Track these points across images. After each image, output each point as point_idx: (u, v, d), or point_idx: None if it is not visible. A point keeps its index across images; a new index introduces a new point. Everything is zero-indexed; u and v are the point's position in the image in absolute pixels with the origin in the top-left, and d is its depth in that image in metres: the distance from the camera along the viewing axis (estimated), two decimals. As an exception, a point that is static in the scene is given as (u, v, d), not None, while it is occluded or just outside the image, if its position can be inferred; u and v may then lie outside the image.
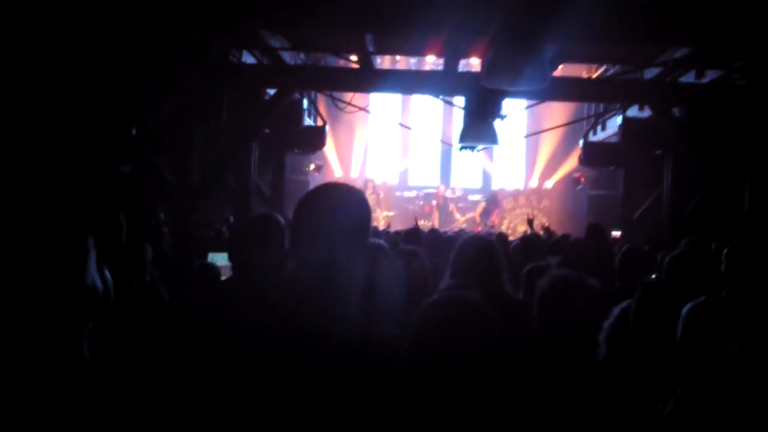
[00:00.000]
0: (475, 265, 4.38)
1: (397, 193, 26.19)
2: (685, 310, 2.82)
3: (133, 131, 9.01)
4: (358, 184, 24.74)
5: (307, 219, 2.37)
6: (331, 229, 2.30)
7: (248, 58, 13.61)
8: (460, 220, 24.72)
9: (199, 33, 9.19)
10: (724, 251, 8.60)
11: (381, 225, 18.94)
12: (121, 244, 4.32)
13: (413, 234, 8.72)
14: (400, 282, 4.00)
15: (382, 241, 4.93)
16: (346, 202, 2.38)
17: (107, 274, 1.99)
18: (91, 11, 8.07)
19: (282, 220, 4.26)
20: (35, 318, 1.74)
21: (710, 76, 13.50)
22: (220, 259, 7.17)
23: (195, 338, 3.32)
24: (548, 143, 26.00)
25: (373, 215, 9.94)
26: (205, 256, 7.86)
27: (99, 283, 1.91)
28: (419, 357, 2.46)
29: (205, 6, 8.75)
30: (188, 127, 12.51)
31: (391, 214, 24.28)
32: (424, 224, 19.81)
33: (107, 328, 2.03)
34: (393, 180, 26.93)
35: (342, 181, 23.58)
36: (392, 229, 14.81)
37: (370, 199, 24.37)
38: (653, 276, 6.59)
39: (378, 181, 25.77)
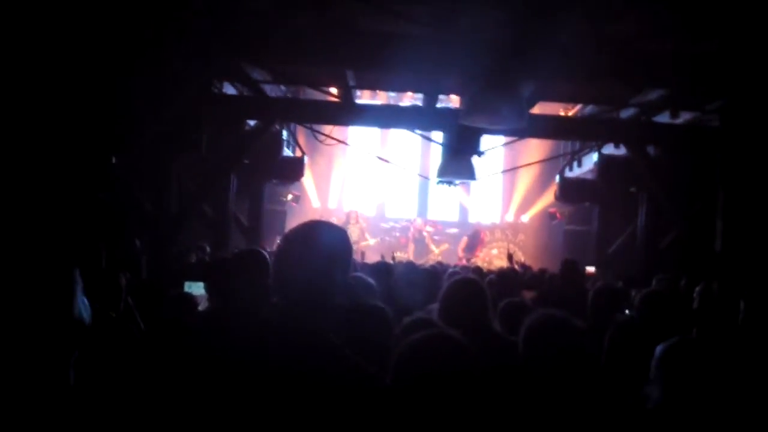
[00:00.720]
0: (466, 307, 4.45)
1: (381, 224, 26.23)
2: (657, 350, 2.88)
3: (113, 159, 9.05)
4: (341, 216, 24.80)
5: (290, 257, 2.42)
6: (312, 267, 2.36)
7: (229, 89, 13.69)
8: (435, 252, 24.79)
9: (181, 63, 9.26)
10: (696, 289, 8.74)
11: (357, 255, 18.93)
12: (100, 272, 4.38)
13: (382, 269, 7.95)
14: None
15: (367, 278, 4.97)
16: (328, 241, 2.44)
17: (87, 303, 2.04)
18: (72, 38, 8.12)
19: (266, 255, 4.31)
20: (27, 348, 1.78)
21: (684, 116, 13.72)
22: (196, 288, 7.17)
23: (169, 367, 3.33)
24: (525, 178, 26.18)
25: (358, 246, 9.97)
26: (182, 285, 7.87)
27: (85, 314, 1.97)
28: (403, 391, 2.50)
29: (188, 38, 8.82)
30: (167, 156, 12.55)
31: (371, 242, 24.36)
32: (400, 256, 19.84)
33: (88, 356, 2.08)
34: (370, 212, 26.98)
35: (319, 212, 23.70)
36: (365, 260, 14.87)
37: (355, 229, 24.42)
38: (626, 312, 6.69)
39: (361, 213, 25.85)
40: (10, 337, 1.77)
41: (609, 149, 16.32)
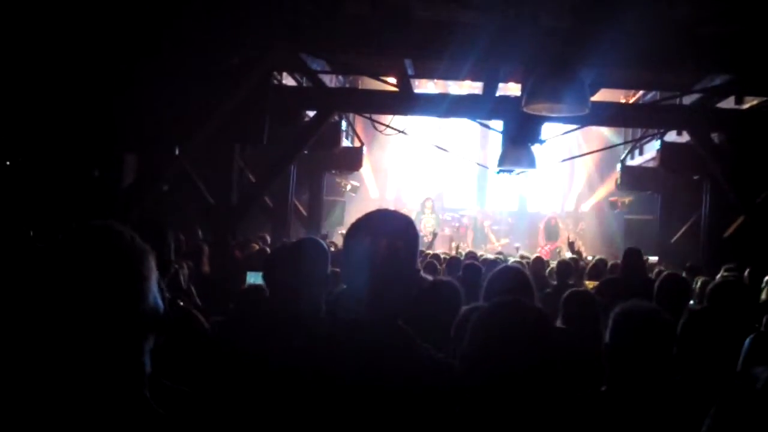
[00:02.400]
0: (508, 292, 4.40)
1: (439, 215, 26.10)
2: (747, 342, 2.82)
3: (177, 151, 9.17)
4: (414, 206, 24.73)
5: (357, 247, 2.43)
6: (379, 258, 2.36)
7: (288, 81, 13.78)
8: (495, 244, 24.57)
9: (242, 56, 9.35)
10: (766, 279, 8.56)
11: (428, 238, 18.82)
12: (169, 262, 4.42)
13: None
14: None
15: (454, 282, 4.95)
16: (396, 231, 2.44)
17: (160, 291, 2.07)
18: (139, 36, 8.25)
19: (325, 245, 4.32)
20: (103, 334, 1.81)
21: (749, 101, 13.45)
22: (257, 279, 7.23)
23: (236, 360, 3.34)
24: (585, 166, 25.92)
25: (439, 233, 9.92)
26: (244, 276, 7.94)
27: (160, 302, 1.99)
28: (481, 365, 2.48)
29: (247, 31, 8.89)
30: (228, 148, 12.68)
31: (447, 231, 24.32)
32: (462, 247, 19.76)
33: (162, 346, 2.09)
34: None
35: (378, 202, 23.71)
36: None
37: (431, 219, 24.38)
38: (691, 303, 6.59)
39: (435, 200, 25.73)
40: (77, 324, 1.80)
41: (672, 136, 16.08)
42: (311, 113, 13.24)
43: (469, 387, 2.42)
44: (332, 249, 11.20)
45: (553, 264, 11.60)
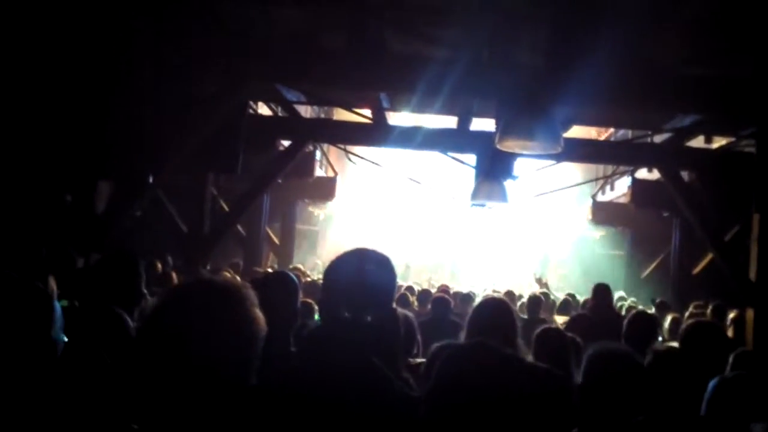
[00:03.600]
0: (493, 324, 4.37)
1: None
2: (712, 384, 2.86)
3: (150, 178, 9.15)
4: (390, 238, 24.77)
5: (337, 282, 2.46)
6: (359, 293, 2.39)
7: (264, 110, 13.82)
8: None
9: (218, 85, 9.37)
10: (730, 317, 8.65)
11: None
12: (140, 294, 4.42)
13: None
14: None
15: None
16: (375, 268, 2.47)
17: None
18: (111, 59, 8.25)
19: (294, 279, 4.35)
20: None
21: (719, 141, 13.64)
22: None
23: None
24: (557, 201, 26.12)
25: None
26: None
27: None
28: (444, 405, 2.50)
29: (223, 60, 8.93)
30: (202, 176, 12.67)
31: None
32: (433, 279, 19.81)
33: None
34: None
35: (351, 232, 23.73)
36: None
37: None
38: (660, 340, 6.65)
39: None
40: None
41: (642, 173, 16.27)
42: (286, 143, 13.26)
43: (433, 425, 2.44)
44: (307, 279, 11.22)
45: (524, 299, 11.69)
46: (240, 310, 1.91)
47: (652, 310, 10.97)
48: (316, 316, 7.17)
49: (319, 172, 17.90)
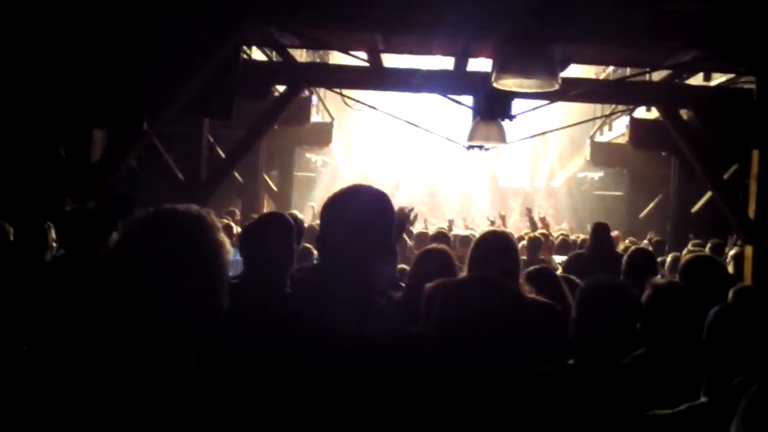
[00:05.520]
0: (495, 257, 4.27)
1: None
2: (711, 313, 2.84)
3: (145, 126, 9.07)
4: (390, 183, 24.69)
5: (335, 223, 2.42)
6: (358, 233, 2.36)
7: (258, 55, 13.68)
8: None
9: (211, 30, 9.25)
10: (730, 253, 8.66)
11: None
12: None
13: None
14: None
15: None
16: (373, 207, 2.44)
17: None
18: (104, 6, 8.14)
19: (290, 220, 4.31)
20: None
21: (717, 78, 13.53)
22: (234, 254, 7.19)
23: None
24: (555, 142, 26.05)
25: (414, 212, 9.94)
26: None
27: None
28: (451, 340, 2.47)
29: (216, 3, 8.80)
30: (197, 123, 12.59)
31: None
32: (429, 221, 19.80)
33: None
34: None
35: (348, 178, 23.68)
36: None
37: (407, 194, 24.30)
38: (659, 277, 6.66)
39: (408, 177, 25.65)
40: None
41: (641, 112, 16.17)
42: (281, 88, 13.16)
43: (440, 361, 2.42)
44: (305, 224, 11.20)
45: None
46: (205, 234, 1.90)
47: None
48: (315, 261, 7.18)
49: (315, 117, 17.78)
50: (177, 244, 1.84)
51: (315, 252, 7.13)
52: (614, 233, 15.22)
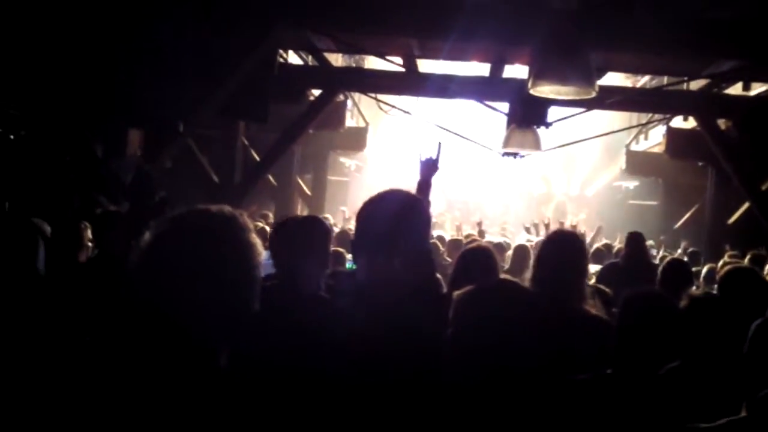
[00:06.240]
0: (564, 262, 4.17)
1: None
2: (754, 326, 2.80)
3: (181, 127, 9.13)
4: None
5: (370, 226, 2.42)
6: (393, 237, 2.35)
7: (294, 59, 13.72)
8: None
9: (248, 33, 9.29)
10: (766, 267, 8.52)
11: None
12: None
13: None
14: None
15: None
16: (406, 209, 2.43)
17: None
18: (142, 8, 8.20)
19: (326, 224, 4.31)
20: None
21: (757, 88, 13.38)
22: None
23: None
24: (590, 151, 25.87)
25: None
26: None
27: None
28: (462, 342, 2.45)
29: (253, 7, 8.84)
30: (232, 126, 12.65)
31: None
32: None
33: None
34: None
35: (383, 183, 23.66)
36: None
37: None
38: (694, 288, 6.58)
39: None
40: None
41: (677, 122, 16.02)
42: (316, 92, 13.19)
43: (461, 367, 2.40)
44: (336, 228, 11.20)
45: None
46: (237, 235, 1.89)
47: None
48: (348, 265, 7.17)
49: (350, 122, 17.80)
50: (207, 245, 1.83)
51: (348, 256, 7.13)
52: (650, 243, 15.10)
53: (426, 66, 12.83)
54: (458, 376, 2.37)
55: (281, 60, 11.92)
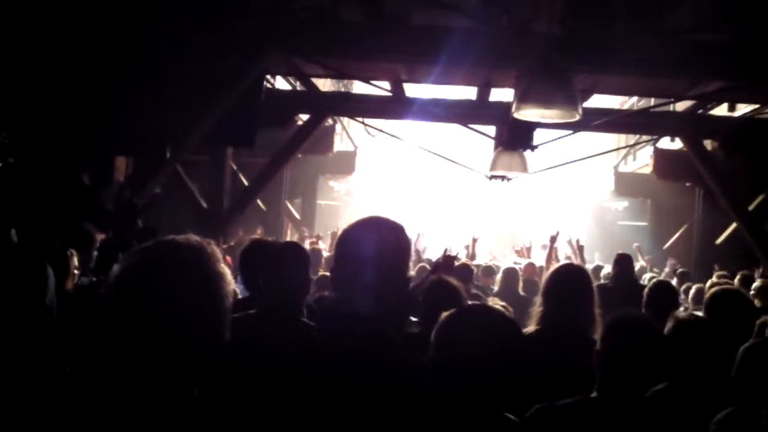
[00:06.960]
0: (572, 294, 4.27)
1: None
2: (741, 350, 2.81)
3: (168, 154, 9.13)
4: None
5: (350, 253, 2.43)
6: (373, 264, 2.36)
7: (282, 84, 13.76)
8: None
9: (235, 59, 9.32)
10: (754, 286, 8.55)
11: None
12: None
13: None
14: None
15: None
16: (388, 236, 2.44)
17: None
18: (130, 35, 8.23)
19: (305, 249, 4.34)
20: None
21: (742, 109, 13.46)
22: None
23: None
24: (578, 172, 25.93)
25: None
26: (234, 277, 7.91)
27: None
28: (444, 366, 2.47)
29: (241, 34, 8.87)
30: (221, 151, 12.67)
31: None
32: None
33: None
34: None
35: (372, 206, 23.68)
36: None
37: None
38: (681, 309, 6.59)
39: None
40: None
41: (665, 143, 16.10)
42: (304, 117, 13.22)
43: (439, 392, 2.41)
44: (325, 253, 11.20)
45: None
46: (205, 265, 1.89)
47: (674, 281, 10.88)
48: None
49: (339, 146, 17.83)
50: (175, 277, 1.84)
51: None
52: (647, 257, 15.15)
53: (413, 90, 12.88)
54: (439, 398, 2.38)
55: (269, 85, 11.95)
